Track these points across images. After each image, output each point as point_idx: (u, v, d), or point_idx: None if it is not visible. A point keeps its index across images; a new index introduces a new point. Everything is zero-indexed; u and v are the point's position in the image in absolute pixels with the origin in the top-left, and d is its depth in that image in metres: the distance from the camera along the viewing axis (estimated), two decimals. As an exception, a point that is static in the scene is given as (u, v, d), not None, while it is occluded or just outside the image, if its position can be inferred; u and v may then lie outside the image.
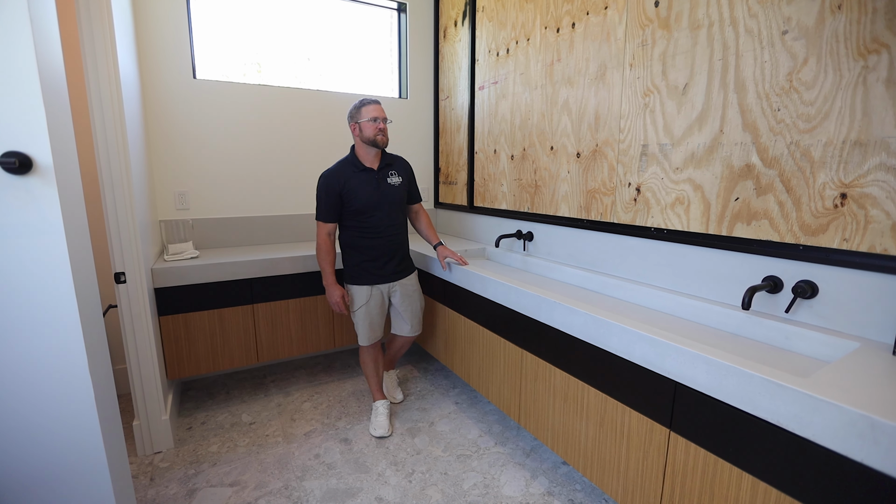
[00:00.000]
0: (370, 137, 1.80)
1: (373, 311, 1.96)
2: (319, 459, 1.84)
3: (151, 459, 1.83)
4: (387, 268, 1.95)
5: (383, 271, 1.95)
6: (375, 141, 1.81)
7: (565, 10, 1.88)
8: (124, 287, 1.71)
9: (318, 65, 2.69)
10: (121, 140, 1.63)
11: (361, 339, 2.02)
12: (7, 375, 0.93)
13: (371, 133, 1.79)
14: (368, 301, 1.95)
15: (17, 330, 0.93)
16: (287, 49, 2.59)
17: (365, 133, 1.80)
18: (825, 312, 1.18)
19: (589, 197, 1.87)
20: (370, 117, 1.78)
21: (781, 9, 1.20)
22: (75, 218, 1.00)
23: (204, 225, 2.41)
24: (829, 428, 0.82)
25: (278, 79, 2.59)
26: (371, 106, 1.80)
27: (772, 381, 0.89)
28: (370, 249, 1.91)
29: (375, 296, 1.96)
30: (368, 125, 1.79)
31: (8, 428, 0.94)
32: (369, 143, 1.82)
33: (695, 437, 1.07)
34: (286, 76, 2.61)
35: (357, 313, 1.97)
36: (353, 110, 1.83)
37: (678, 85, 1.47)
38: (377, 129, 1.79)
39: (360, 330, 2.00)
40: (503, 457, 1.86)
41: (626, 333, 1.20)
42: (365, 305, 1.95)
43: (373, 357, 2.09)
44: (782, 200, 1.24)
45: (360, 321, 1.98)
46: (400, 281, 2.01)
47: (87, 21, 1.52)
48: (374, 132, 1.79)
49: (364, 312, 1.96)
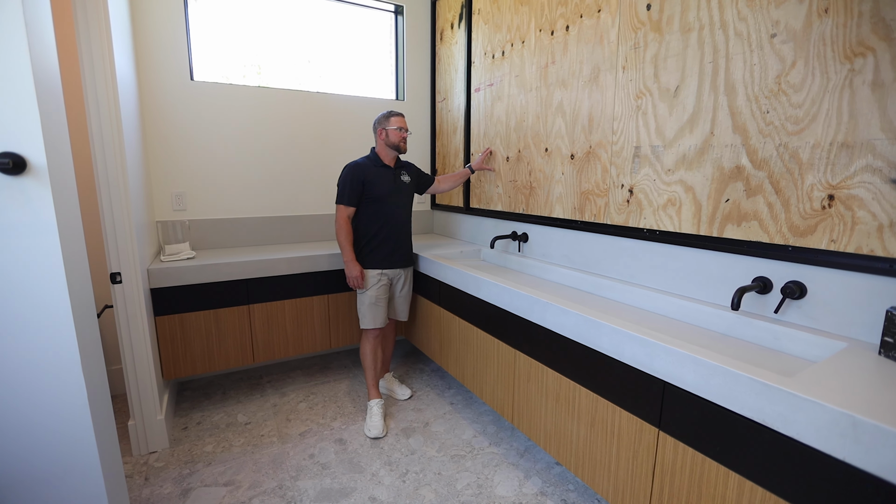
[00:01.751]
0: (395, 143, 2.07)
1: (380, 294, 2.12)
2: (314, 459, 1.84)
3: (146, 459, 1.84)
4: (395, 255, 2.14)
5: (392, 258, 2.13)
6: (399, 147, 2.08)
7: (559, 13, 1.90)
8: (120, 287, 1.72)
9: (316, 67, 2.70)
10: (117, 141, 1.64)
11: (365, 322, 2.12)
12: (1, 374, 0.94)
13: (396, 140, 2.06)
14: (377, 284, 2.10)
15: (11, 329, 0.93)
16: (286, 51, 2.60)
17: (391, 139, 2.06)
18: (813, 313, 1.19)
19: (583, 198, 1.88)
20: (397, 126, 2.05)
21: (770, 12, 1.21)
22: (69, 218, 1.01)
23: (201, 226, 2.42)
24: (813, 426, 0.83)
25: (277, 81, 2.60)
26: (398, 117, 2.07)
27: (757, 380, 0.90)
28: (381, 235, 2.09)
29: (384, 280, 2.13)
30: (395, 133, 2.05)
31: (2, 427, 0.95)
32: (393, 147, 2.08)
33: (683, 437, 1.08)
34: (285, 78, 2.62)
35: (365, 294, 2.11)
36: (382, 118, 2.07)
37: (670, 87, 1.48)
38: (401, 136, 2.07)
39: (365, 312, 2.12)
40: (497, 457, 1.87)
41: (616, 334, 1.21)
42: (374, 287, 2.10)
43: (373, 348, 2.17)
44: (771, 202, 1.25)
45: (367, 303, 2.11)
46: (404, 269, 2.21)
47: (85, 24, 1.53)
48: (399, 139, 2.06)
49: (372, 294, 2.10)
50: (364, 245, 2.10)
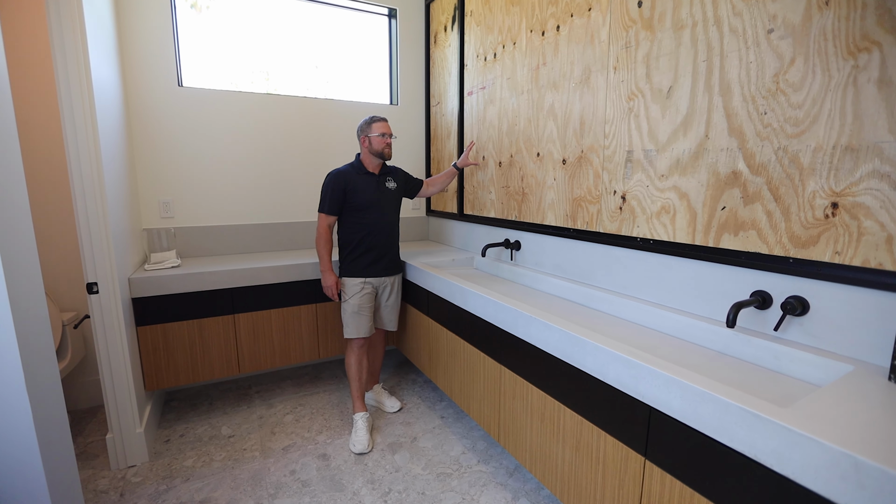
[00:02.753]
0: (378, 150, 1.99)
1: (363, 303, 2.05)
2: (295, 476, 1.78)
3: (124, 474, 1.79)
4: (379, 264, 2.08)
5: (376, 266, 2.07)
6: (382, 153, 2.00)
7: (550, 13, 1.82)
8: (97, 297, 1.68)
9: (310, 72, 2.66)
10: (93, 149, 1.60)
11: (348, 331, 2.06)
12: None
13: (379, 147, 1.98)
14: (360, 293, 2.04)
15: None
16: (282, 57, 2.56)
17: (374, 146, 1.99)
18: (816, 331, 1.09)
19: (575, 205, 1.79)
20: (379, 133, 1.97)
21: (766, 6, 1.12)
22: (14, 231, 0.96)
23: (188, 233, 2.38)
24: (810, 466, 0.73)
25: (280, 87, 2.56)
26: (380, 123, 1.99)
27: (748, 410, 0.81)
28: (365, 244, 2.04)
29: (366, 289, 2.06)
30: (377, 139, 1.97)
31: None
32: (376, 155, 2.01)
33: (670, 468, 0.99)
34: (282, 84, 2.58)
35: (348, 303, 2.05)
36: (364, 125, 2.01)
37: (662, 88, 1.40)
38: (385, 143, 1.99)
39: (348, 321, 2.06)
40: (485, 476, 1.78)
41: (600, 352, 1.12)
42: (357, 296, 2.04)
43: (358, 358, 2.10)
44: (770, 210, 1.16)
45: (350, 312, 2.05)
46: (389, 278, 2.14)
47: (59, 29, 1.50)
48: (382, 146, 1.99)
49: (354, 303, 2.04)
50: (347, 254, 2.05)
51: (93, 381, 2.29)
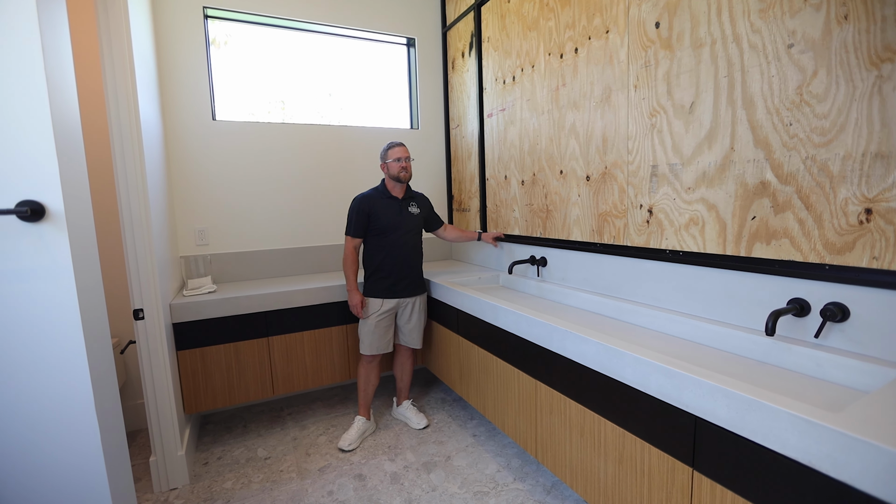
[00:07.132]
0: (395, 174, 2.13)
1: (381, 322, 2.17)
2: (333, 497, 1.79)
3: (167, 496, 1.83)
4: (399, 285, 2.18)
5: (396, 288, 2.18)
6: (399, 177, 2.14)
7: (567, 37, 1.89)
8: (143, 323, 1.76)
9: (336, 101, 2.78)
10: (141, 184, 1.70)
11: (363, 347, 2.19)
12: (15, 416, 0.95)
13: (395, 171, 2.13)
14: (379, 312, 2.16)
15: (27, 370, 0.95)
16: (306, 87, 2.69)
17: (391, 171, 2.14)
18: (859, 337, 1.09)
19: (601, 220, 1.82)
20: (394, 158, 2.11)
21: (785, 22, 1.17)
22: (86, 261, 1.04)
23: (222, 259, 2.47)
24: (869, 471, 0.73)
25: (297, 116, 2.69)
26: (396, 148, 2.13)
27: (799, 416, 0.82)
28: (386, 266, 2.15)
29: (386, 309, 2.17)
30: (393, 164, 2.12)
31: (15, 469, 0.95)
32: (394, 179, 2.15)
33: (720, 478, 0.99)
34: (306, 113, 2.70)
35: (366, 322, 2.17)
36: (383, 152, 2.16)
37: (684, 104, 1.44)
38: (400, 167, 2.12)
39: (364, 338, 2.18)
40: (522, 494, 1.77)
41: (640, 364, 1.14)
42: (375, 314, 2.15)
43: (367, 372, 2.23)
44: (802, 218, 1.18)
45: (367, 330, 2.17)
46: (410, 298, 2.23)
47: (112, 73, 1.62)
48: (398, 170, 2.12)
49: (372, 322, 2.16)
50: (370, 274, 2.18)
51: (132, 405, 2.36)
